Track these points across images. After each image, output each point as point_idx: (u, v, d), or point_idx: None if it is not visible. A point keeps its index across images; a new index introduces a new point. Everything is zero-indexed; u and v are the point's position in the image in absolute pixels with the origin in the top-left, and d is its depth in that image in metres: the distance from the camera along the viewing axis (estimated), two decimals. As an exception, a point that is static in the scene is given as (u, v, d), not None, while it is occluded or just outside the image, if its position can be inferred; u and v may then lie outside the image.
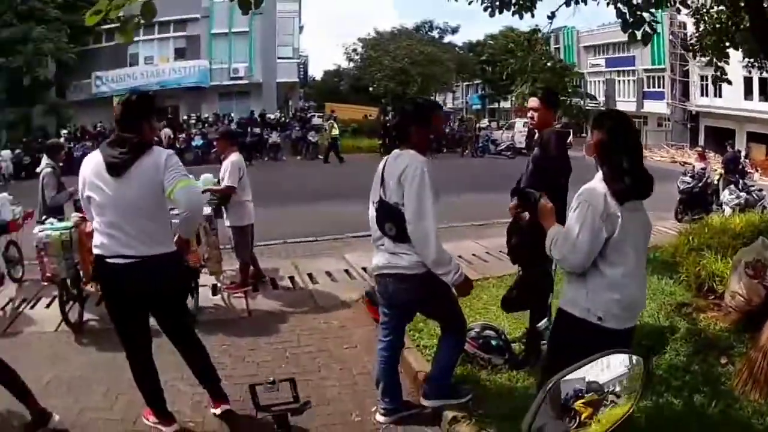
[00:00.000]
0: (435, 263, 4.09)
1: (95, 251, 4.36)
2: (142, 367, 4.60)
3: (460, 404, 4.56)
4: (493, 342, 5.46)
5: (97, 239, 4.32)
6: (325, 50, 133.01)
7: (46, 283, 7.46)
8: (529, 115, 5.46)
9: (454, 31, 56.09)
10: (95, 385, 5.59)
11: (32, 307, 8.06)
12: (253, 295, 8.08)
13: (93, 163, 4.30)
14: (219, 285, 8.28)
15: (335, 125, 31.81)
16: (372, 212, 4.44)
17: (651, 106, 49.11)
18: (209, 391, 4.89)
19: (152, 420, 4.68)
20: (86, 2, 35.34)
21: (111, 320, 4.65)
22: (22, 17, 34.24)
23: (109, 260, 4.24)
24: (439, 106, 5.40)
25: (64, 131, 32.53)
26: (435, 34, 53.94)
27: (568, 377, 2.05)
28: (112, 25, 4.14)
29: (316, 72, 75.68)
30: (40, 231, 7.08)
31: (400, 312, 4.64)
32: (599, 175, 3.47)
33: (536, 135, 5.70)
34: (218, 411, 4.80)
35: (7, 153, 30.14)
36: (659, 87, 48.94)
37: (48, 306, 8.07)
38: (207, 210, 7.64)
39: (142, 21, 3.94)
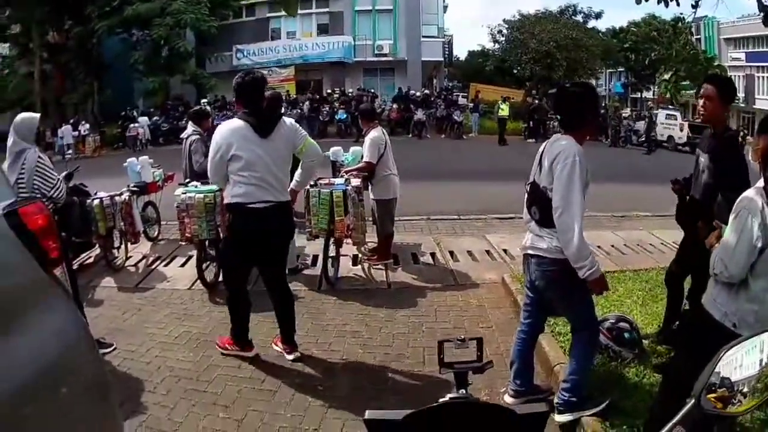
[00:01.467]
0: (574, 254, 3.95)
1: (235, 200, 5.23)
2: (243, 297, 5.62)
3: (596, 413, 4.30)
4: (626, 335, 5.29)
5: (240, 189, 5.19)
6: (469, 31, 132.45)
7: (184, 243, 7.82)
8: (700, 104, 4.99)
9: (598, 16, 53.63)
10: None
11: (166, 265, 8.51)
12: (393, 268, 8.14)
13: (238, 128, 5.22)
14: (360, 255, 8.40)
15: (502, 106, 31.02)
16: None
17: (789, 105, 45.90)
18: (284, 334, 5.61)
19: (231, 347, 5.60)
20: None
21: (227, 261, 5.75)
22: None
23: (252, 205, 5.16)
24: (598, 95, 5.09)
25: (204, 101, 33.75)
26: (579, 18, 52.05)
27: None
28: (254, 0, 4.21)
29: (459, 52, 75.35)
30: (183, 193, 7.39)
31: (541, 297, 4.52)
32: (760, 182, 3.31)
33: (709, 131, 5.16)
34: (291, 357, 5.51)
35: (144, 119, 31.81)
36: (799, 83, 45.63)
37: (182, 265, 8.53)
38: (356, 181, 7.72)
39: None
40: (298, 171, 5.76)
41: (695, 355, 3.61)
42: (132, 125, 30.52)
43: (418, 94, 35.89)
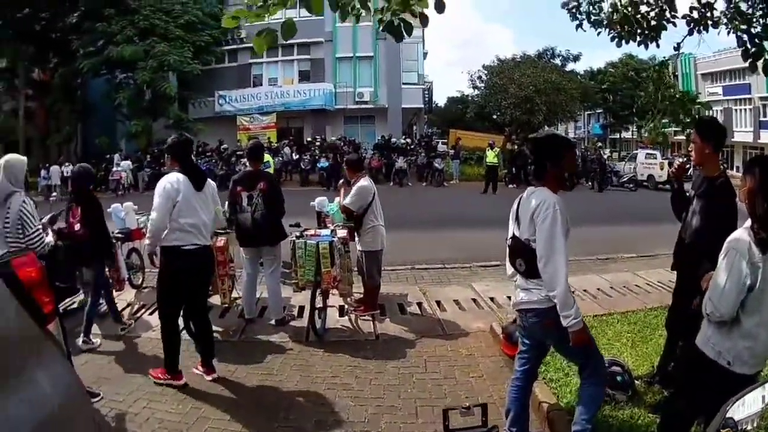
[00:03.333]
0: (560, 302, 4.02)
1: (173, 243, 5.96)
2: (176, 331, 6.14)
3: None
4: (619, 378, 5.39)
5: (176, 234, 5.95)
6: (448, 77, 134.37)
7: None
8: (692, 149, 5.17)
9: (576, 58, 54.80)
10: (213, 395, 5.89)
11: (151, 314, 8.36)
12: (380, 319, 8.13)
13: (182, 180, 6.02)
14: (347, 307, 8.39)
15: (489, 153, 30.41)
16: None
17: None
18: (205, 358, 6.28)
19: (163, 377, 6.04)
20: (207, 25, 37.53)
21: (165, 300, 6.16)
22: (143, 34, 36.07)
23: (186, 248, 5.94)
24: (573, 144, 5.23)
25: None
26: (558, 61, 53.00)
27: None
28: (236, 46, 4.42)
29: (439, 98, 76.18)
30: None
31: (538, 344, 4.60)
32: (747, 222, 3.45)
33: (698, 175, 5.33)
34: (210, 378, 6.16)
35: (126, 164, 31.95)
36: (776, 115, 46.74)
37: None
38: (342, 233, 7.78)
39: (281, 38, 4.14)
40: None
41: (691, 395, 3.70)
42: (115, 169, 30.52)
43: (400, 141, 36.15)
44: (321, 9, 4.23)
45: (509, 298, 6.95)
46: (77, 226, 7.30)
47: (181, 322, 6.30)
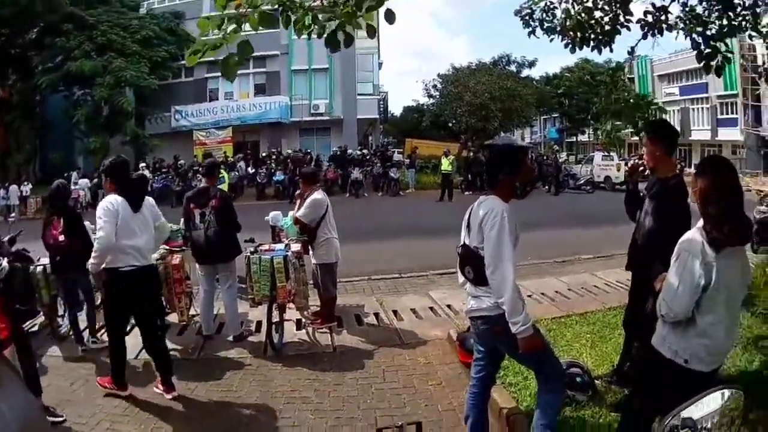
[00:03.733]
0: (508, 308, 4.06)
1: (111, 266, 6.03)
2: (123, 345, 6.33)
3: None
4: (578, 379, 5.45)
5: (114, 256, 6.01)
6: (403, 87, 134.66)
7: None
8: (645, 153, 5.30)
9: (531, 64, 55.30)
10: (173, 414, 5.90)
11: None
12: (338, 331, 8.14)
13: (121, 202, 6.11)
14: (304, 320, 8.38)
15: (443, 161, 30.12)
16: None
17: (725, 134, 48.57)
18: (163, 378, 6.30)
19: (109, 386, 6.22)
20: (164, 40, 37.76)
21: (111, 318, 6.27)
22: (100, 49, 35.78)
23: (123, 269, 6.02)
24: (526, 151, 5.35)
25: (143, 164, 33.54)
26: (513, 68, 53.50)
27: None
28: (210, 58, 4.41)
29: (395, 108, 76.29)
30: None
31: (491, 351, 4.64)
32: (700, 222, 3.50)
33: (655, 177, 5.31)
34: (170, 396, 6.17)
35: (84, 182, 31.49)
36: (732, 113, 48.30)
37: (127, 333, 8.26)
38: (296, 246, 7.82)
39: (240, 59, 4.15)
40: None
41: (648, 394, 3.79)
42: (73, 187, 30.03)
43: (356, 152, 36.16)
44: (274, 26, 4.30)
45: (465, 305, 7.04)
46: (61, 237, 7.46)
47: (140, 341, 6.34)
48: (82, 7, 37.39)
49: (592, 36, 7.76)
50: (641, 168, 5.53)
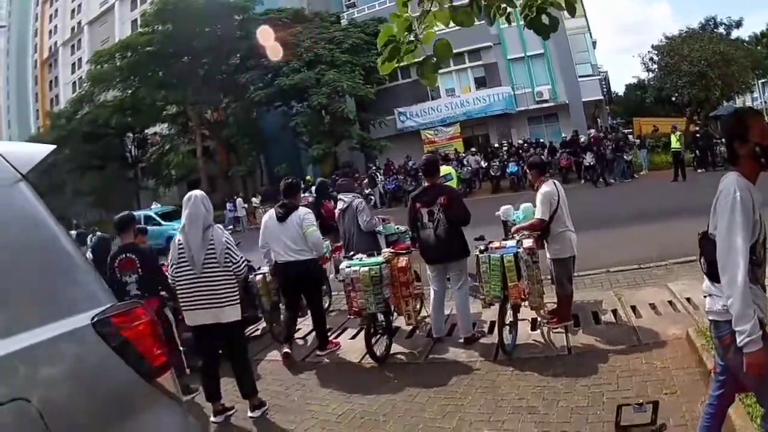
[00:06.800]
0: (734, 312, 3.35)
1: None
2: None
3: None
4: None
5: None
6: (621, 64, 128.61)
7: (352, 317, 7.93)
8: None
9: (738, 24, 50.27)
10: (392, 422, 5.78)
11: (336, 337, 8.58)
12: (574, 330, 7.75)
13: (270, 215, 8.15)
14: (539, 320, 8.04)
15: (674, 136, 28.19)
16: None
17: None
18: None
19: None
20: (373, 45, 38.18)
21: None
22: (309, 64, 37.50)
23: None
24: (759, 113, 4.22)
25: (372, 167, 34.52)
26: (722, 30, 48.90)
27: None
28: (407, 63, 4.26)
29: (617, 87, 73.01)
30: (347, 266, 7.54)
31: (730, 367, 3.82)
32: None
33: None
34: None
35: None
36: None
37: (353, 337, 8.58)
38: (528, 242, 7.51)
39: (438, 61, 3.98)
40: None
41: None
42: (303, 195, 31.75)
43: (583, 138, 34.80)
44: (471, 23, 4.11)
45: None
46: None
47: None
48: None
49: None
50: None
